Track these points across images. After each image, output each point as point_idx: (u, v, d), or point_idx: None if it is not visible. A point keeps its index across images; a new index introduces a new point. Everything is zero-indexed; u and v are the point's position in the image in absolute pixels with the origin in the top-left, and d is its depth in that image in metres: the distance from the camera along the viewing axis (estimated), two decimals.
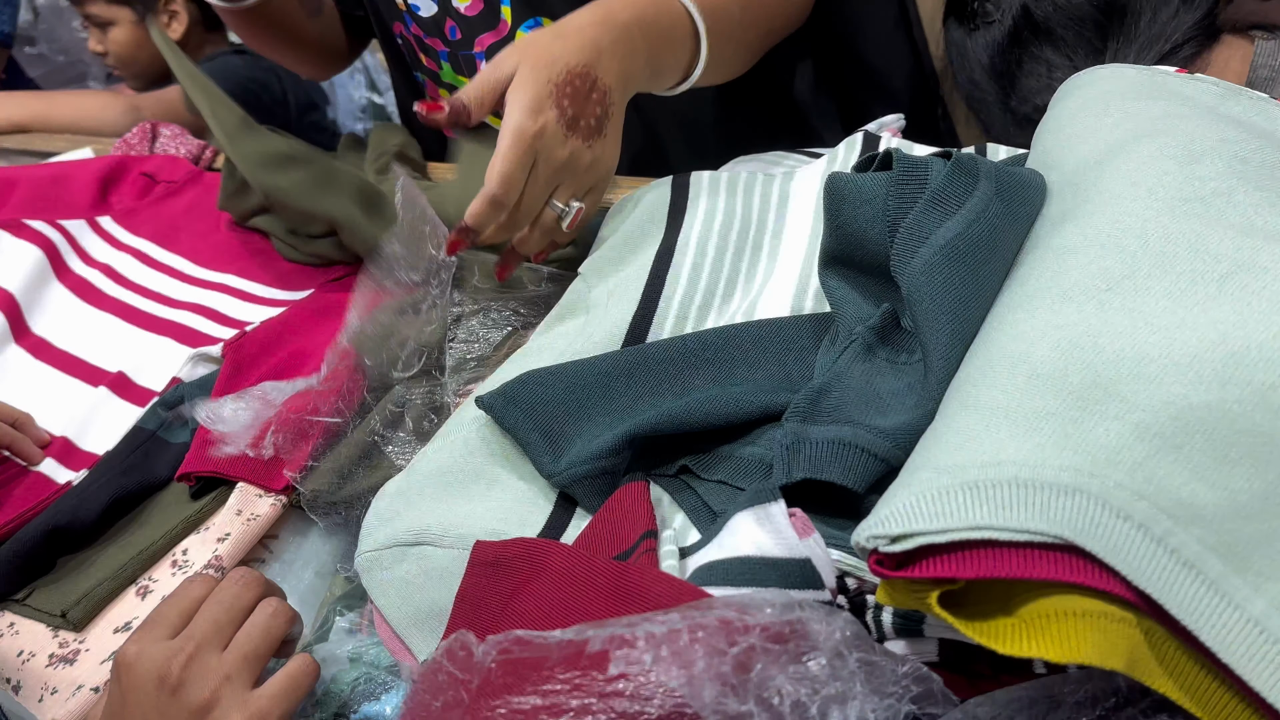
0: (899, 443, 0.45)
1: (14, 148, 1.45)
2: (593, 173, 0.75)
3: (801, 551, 0.42)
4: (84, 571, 0.66)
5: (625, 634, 0.35)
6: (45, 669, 0.61)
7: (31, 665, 0.62)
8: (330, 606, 0.63)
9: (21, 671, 0.62)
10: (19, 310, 0.94)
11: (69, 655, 0.62)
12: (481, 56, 1.03)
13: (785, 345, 0.58)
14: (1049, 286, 0.45)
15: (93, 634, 0.63)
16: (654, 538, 0.47)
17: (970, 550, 0.37)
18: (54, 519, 0.67)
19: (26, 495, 0.72)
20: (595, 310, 0.66)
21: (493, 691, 0.38)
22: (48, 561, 0.67)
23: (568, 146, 0.72)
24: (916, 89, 1.06)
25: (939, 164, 0.52)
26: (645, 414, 0.54)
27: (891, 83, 1.07)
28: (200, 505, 0.68)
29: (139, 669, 0.53)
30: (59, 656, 0.62)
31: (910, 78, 1.06)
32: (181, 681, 0.52)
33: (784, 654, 0.36)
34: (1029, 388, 0.41)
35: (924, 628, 0.43)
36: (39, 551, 0.66)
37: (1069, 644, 0.36)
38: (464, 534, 0.54)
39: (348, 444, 0.66)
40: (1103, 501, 0.37)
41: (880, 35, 1.05)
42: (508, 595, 0.49)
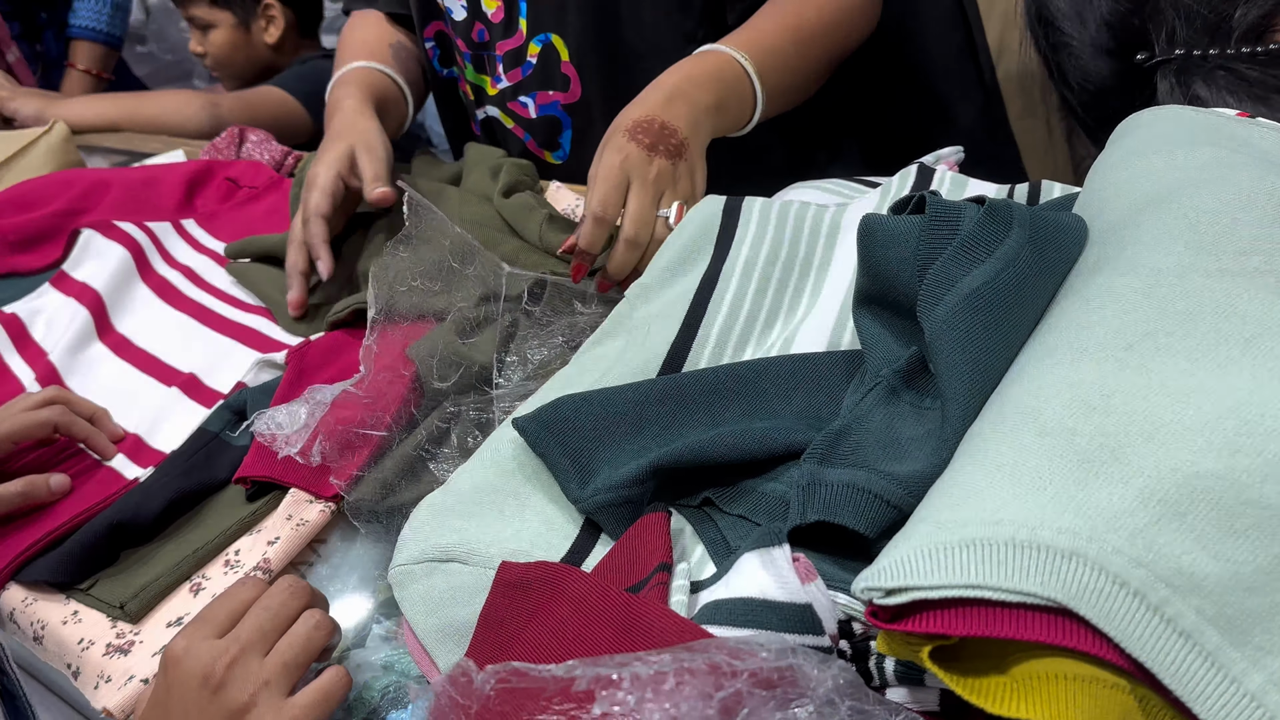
0: (912, 490, 0.46)
1: (114, 147, 1.52)
2: (687, 181, 0.83)
3: (803, 596, 0.43)
4: (143, 565, 0.70)
5: (612, 675, 0.36)
6: (102, 657, 0.65)
7: (90, 653, 0.65)
8: (370, 613, 0.66)
9: (81, 658, 0.65)
10: (104, 308, 0.99)
11: (124, 645, 0.65)
12: (500, 59, 1.13)
13: (817, 382, 0.59)
14: (1071, 341, 0.45)
15: (147, 627, 0.66)
16: (668, 571, 0.49)
17: (964, 608, 0.37)
18: (119, 514, 0.71)
19: (97, 489, 0.76)
20: (635, 335, 0.67)
21: (490, 718, 0.39)
22: (111, 554, 0.71)
23: (654, 164, 0.81)
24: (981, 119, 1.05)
25: (972, 210, 0.52)
26: (671, 445, 0.56)
27: (956, 113, 1.06)
28: (254, 508, 0.72)
29: (185, 665, 0.55)
30: (115, 646, 0.65)
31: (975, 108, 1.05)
32: (223, 682, 0.54)
33: (771, 699, 0.37)
34: (1036, 446, 0.41)
35: (925, 677, 0.43)
36: (103, 544, 0.70)
37: (1060, 707, 0.36)
38: (492, 553, 0.55)
39: (394, 457, 0.68)
40: (1099, 567, 0.37)
41: (946, 65, 1.05)
42: (528, 616, 0.51)
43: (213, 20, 1.80)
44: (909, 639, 0.39)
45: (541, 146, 1.20)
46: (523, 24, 1.09)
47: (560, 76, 1.12)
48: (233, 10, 1.79)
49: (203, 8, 1.78)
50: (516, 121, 1.19)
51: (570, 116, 1.15)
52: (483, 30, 1.13)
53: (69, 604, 0.69)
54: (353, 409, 0.70)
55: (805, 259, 0.70)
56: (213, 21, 1.80)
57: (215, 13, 1.79)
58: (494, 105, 1.20)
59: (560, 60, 1.10)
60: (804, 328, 0.66)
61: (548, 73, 1.12)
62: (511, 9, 1.09)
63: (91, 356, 0.95)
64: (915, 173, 0.77)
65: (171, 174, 1.20)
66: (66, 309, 0.99)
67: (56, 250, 1.08)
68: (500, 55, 1.13)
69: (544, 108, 1.15)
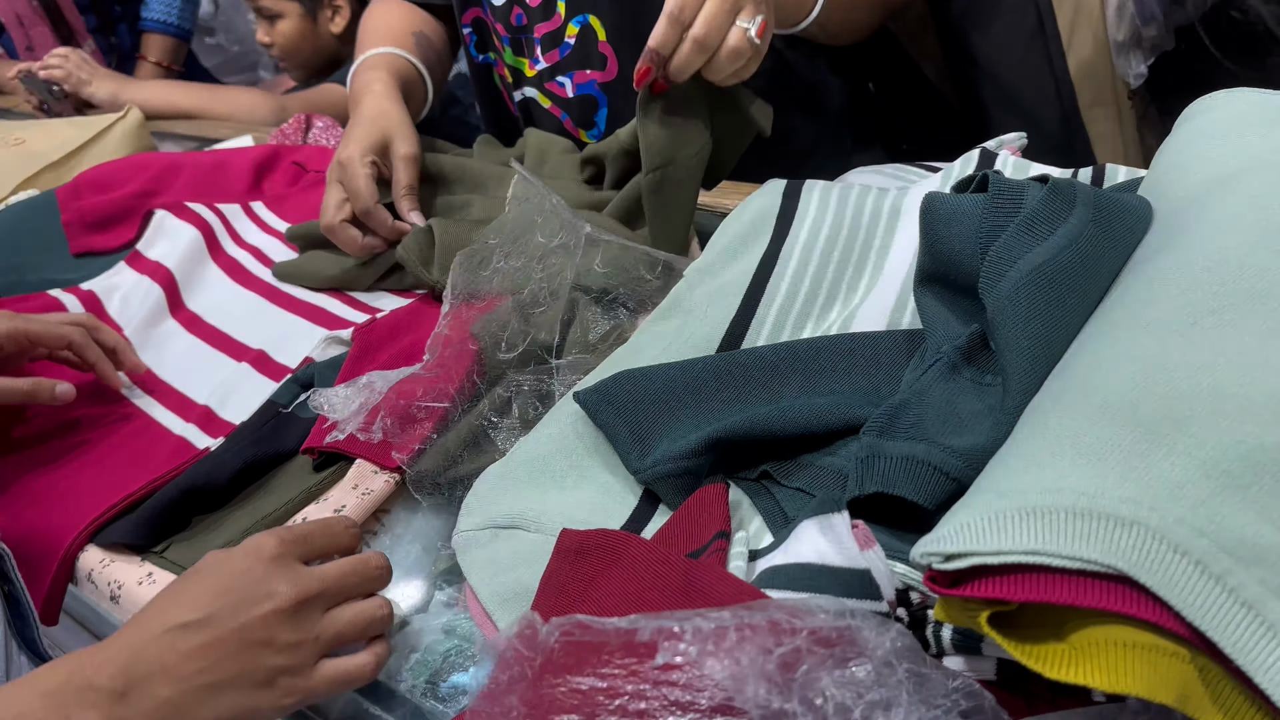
0: (971, 463, 0.46)
1: (185, 133, 1.56)
2: (766, 7, 0.77)
3: (861, 562, 0.43)
4: (214, 531, 0.72)
5: (674, 627, 0.37)
6: None
7: None
8: (433, 581, 0.67)
9: None
10: (176, 286, 1.02)
11: None
12: (539, 41, 1.15)
13: (875, 359, 0.59)
14: (1134, 317, 0.45)
15: None
16: (726, 538, 0.49)
17: (1023, 574, 0.38)
18: (192, 480, 0.73)
19: (169, 458, 0.79)
20: (695, 313, 0.68)
21: (554, 670, 0.40)
22: (184, 519, 0.73)
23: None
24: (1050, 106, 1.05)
25: (1035, 188, 0.52)
26: (731, 418, 0.56)
27: (1024, 100, 1.06)
28: (321, 477, 0.74)
29: (258, 571, 0.54)
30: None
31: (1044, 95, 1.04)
32: (283, 610, 0.53)
33: (830, 658, 0.38)
34: (1098, 417, 0.41)
35: (982, 646, 0.43)
36: (176, 509, 0.73)
37: (1118, 674, 0.37)
38: (553, 521, 0.57)
39: (457, 429, 0.70)
40: (1161, 536, 0.37)
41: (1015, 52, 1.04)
42: (588, 582, 0.52)
43: (280, 10, 1.83)
44: (967, 604, 0.39)
45: (577, 125, 1.21)
46: (561, 7, 1.12)
47: (598, 55, 1.13)
48: (300, 1, 1.83)
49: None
50: (554, 101, 1.20)
51: (606, 95, 1.17)
52: (521, 14, 1.15)
53: (144, 566, 0.72)
54: (416, 383, 0.72)
55: (865, 241, 0.71)
56: (280, 12, 1.84)
57: (282, 3, 1.83)
58: (532, 86, 1.21)
59: (598, 40, 1.12)
60: (863, 309, 0.66)
61: (585, 52, 1.14)
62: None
63: (164, 332, 0.98)
64: (977, 157, 0.77)
65: (240, 158, 1.23)
66: (140, 286, 1.02)
67: (131, 230, 1.12)
68: (539, 37, 1.15)
69: (581, 87, 1.17)
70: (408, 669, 0.61)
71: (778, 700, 0.37)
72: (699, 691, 0.39)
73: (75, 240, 1.13)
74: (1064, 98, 1.04)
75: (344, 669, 0.55)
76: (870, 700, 0.38)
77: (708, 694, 0.39)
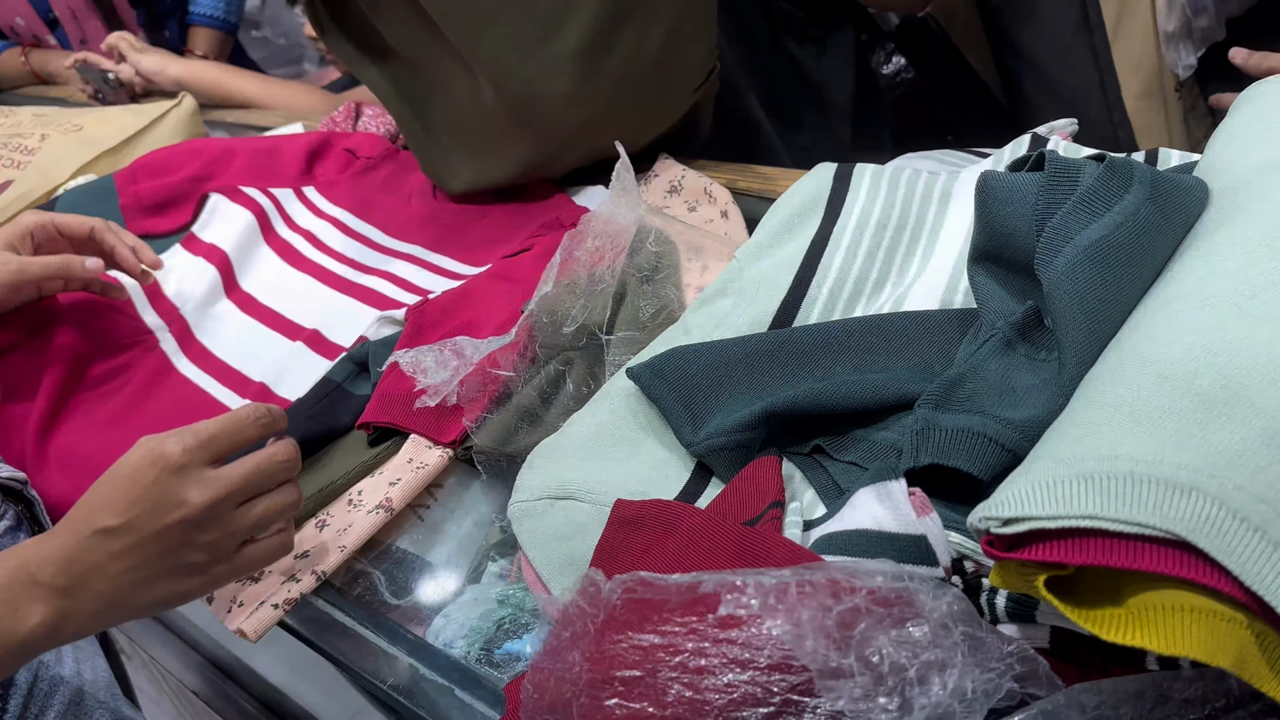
0: (1027, 435, 0.47)
1: (236, 121, 1.59)
2: None
3: (918, 528, 0.44)
4: None
5: (736, 582, 0.38)
6: (234, 585, 0.69)
7: None
8: (484, 553, 0.69)
9: None
10: (231, 268, 1.04)
11: (254, 574, 0.69)
12: None
13: (928, 337, 0.60)
14: (1191, 291, 0.46)
15: None
16: (780, 508, 0.50)
17: (1080, 538, 0.38)
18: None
19: None
20: (745, 294, 0.68)
21: (616, 627, 0.41)
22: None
23: None
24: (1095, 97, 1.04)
25: (1092, 166, 0.52)
26: (784, 392, 0.57)
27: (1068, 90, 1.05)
28: (376, 452, 0.75)
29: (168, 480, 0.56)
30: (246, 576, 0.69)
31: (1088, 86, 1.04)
32: (196, 521, 0.57)
33: (887, 617, 0.39)
34: (1156, 388, 0.41)
35: (1036, 614, 0.44)
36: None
37: (1175, 637, 0.37)
38: (607, 492, 0.58)
39: (515, 403, 0.71)
40: (1219, 502, 0.37)
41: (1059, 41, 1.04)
42: (642, 550, 0.53)
43: None
44: (1024, 569, 0.40)
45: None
46: None
47: None
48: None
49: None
50: None
51: None
52: None
53: None
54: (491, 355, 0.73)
55: (916, 223, 0.71)
56: None
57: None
58: None
59: None
60: (914, 290, 0.66)
61: None
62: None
63: (219, 312, 1.00)
64: (1028, 142, 0.77)
65: (293, 144, 1.25)
66: (195, 268, 1.05)
67: (186, 214, 1.14)
68: None
69: None
70: (462, 637, 0.62)
71: (835, 656, 0.38)
72: (758, 650, 0.40)
73: (132, 223, 1.15)
74: (1108, 89, 1.04)
75: (263, 551, 0.62)
76: (925, 660, 0.39)
77: (766, 652, 0.40)
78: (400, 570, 0.69)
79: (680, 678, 0.40)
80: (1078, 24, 1.04)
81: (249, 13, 2.92)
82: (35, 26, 2.00)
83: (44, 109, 1.45)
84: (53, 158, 1.28)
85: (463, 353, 0.71)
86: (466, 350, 0.72)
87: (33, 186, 1.24)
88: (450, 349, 0.72)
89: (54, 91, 1.93)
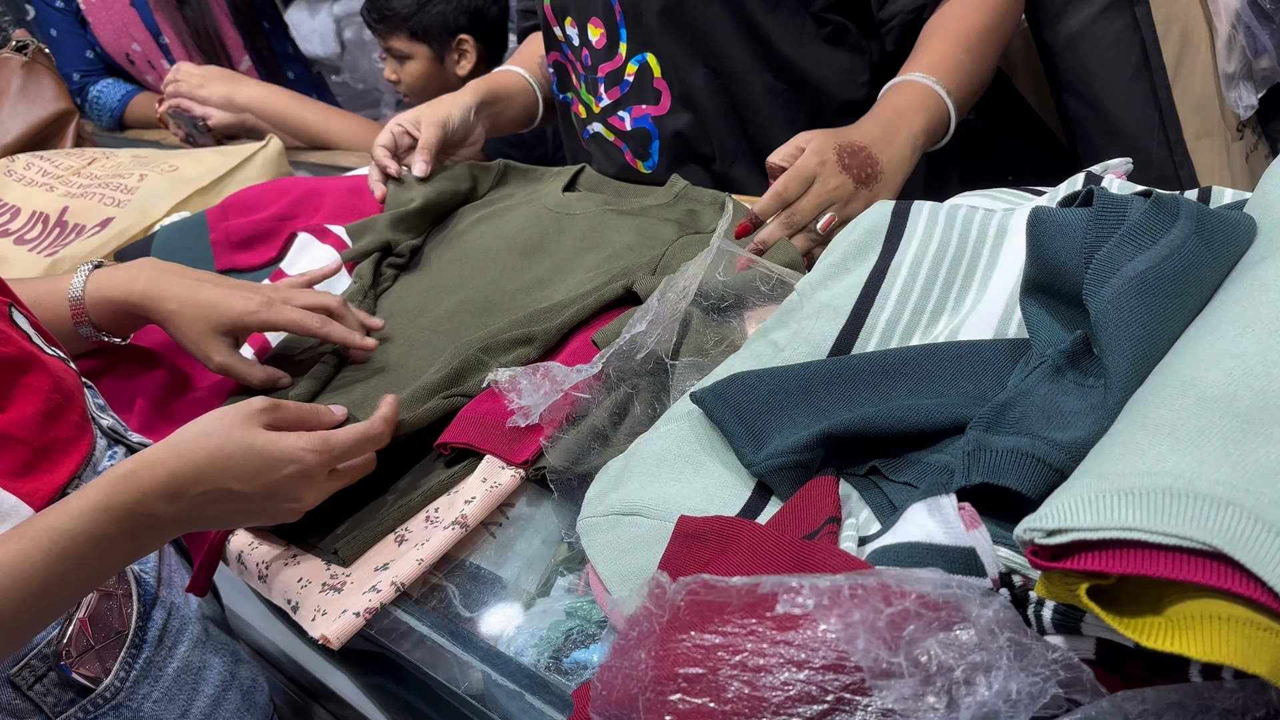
0: (1074, 455, 0.49)
1: (319, 162, 1.66)
2: (861, 206, 0.90)
3: (967, 541, 0.46)
4: (354, 518, 0.78)
5: (793, 583, 0.41)
6: (319, 594, 0.73)
7: (308, 590, 0.74)
8: (554, 569, 0.72)
9: (300, 594, 0.74)
10: None
11: (337, 585, 0.73)
12: (602, 81, 1.28)
13: (982, 365, 0.62)
14: (1233, 319, 0.48)
15: (357, 569, 0.74)
16: (836, 523, 0.53)
17: (1121, 550, 0.40)
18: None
19: None
20: (805, 323, 0.71)
21: (680, 627, 0.44)
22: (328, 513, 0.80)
23: (839, 179, 0.92)
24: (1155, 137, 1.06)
25: (1139, 202, 0.55)
26: (841, 415, 0.60)
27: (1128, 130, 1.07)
28: (453, 472, 0.79)
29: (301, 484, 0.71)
30: (329, 585, 0.73)
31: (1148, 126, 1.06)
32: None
33: (936, 620, 0.41)
34: (1196, 409, 0.43)
35: (1082, 626, 0.46)
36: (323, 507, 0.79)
37: (1213, 645, 0.39)
38: (671, 509, 0.61)
39: (587, 424, 0.75)
40: (1255, 516, 0.39)
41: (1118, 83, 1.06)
42: (704, 564, 0.56)
43: (410, 53, 1.94)
44: (1067, 578, 0.42)
45: (635, 157, 1.32)
46: (623, 48, 1.23)
47: (652, 91, 1.24)
48: (429, 44, 1.93)
49: (402, 40, 1.93)
50: (616, 135, 1.32)
51: (658, 128, 1.27)
52: (588, 55, 1.27)
53: (289, 548, 0.78)
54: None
55: (972, 258, 0.73)
56: (410, 54, 1.94)
57: (414, 46, 1.93)
58: (598, 121, 1.33)
59: (653, 76, 1.23)
60: (969, 321, 0.69)
61: (642, 88, 1.25)
62: (613, 34, 1.22)
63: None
64: (1083, 180, 0.79)
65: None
66: None
67: (272, 250, 1.20)
68: (602, 76, 1.27)
69: (637, 120, 1.28)
70: (533, 646, 0.65)
71: (885, 655, 0.40)
72: (813, 650, 0.42)
73: (221, 258, 1.22)
74: (1169, 130, 1.06)
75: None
76: (972, 662, 0.41)
77: (821, 653, 0.42)
78: (473, 584, 0.73)
79: (740, 675, 0.43)
80: (1138, 65, 1.06)
81: (329, 58, 3.04)
82: (150, 51, 2.08)
83: (142, 151, 1.53)
84: (151, 196, 1.35)
85: (554, 377, 0.75)
86: (558, 375, 0.76)
87: (132, 223, 1.31)
88: (542, 373, 0.76)
89: (149, 135, 2.03)
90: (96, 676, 0.69)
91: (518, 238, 1.08)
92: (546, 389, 0.75)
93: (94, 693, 0.69)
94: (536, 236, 1.07)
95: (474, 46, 1.93)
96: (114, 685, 0.70)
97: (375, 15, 1.93)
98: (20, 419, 0.69)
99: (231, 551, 0.81)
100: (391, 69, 1.98)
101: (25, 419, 0.69)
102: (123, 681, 0.71)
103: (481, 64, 1.95)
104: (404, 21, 1.90)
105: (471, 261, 1.08)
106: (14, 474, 0.68)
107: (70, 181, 1.40)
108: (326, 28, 2.99)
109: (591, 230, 1.06)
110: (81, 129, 1.78)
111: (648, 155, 1.31)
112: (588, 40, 1.26)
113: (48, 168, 1.45)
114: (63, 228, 1.33)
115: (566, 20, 1.28)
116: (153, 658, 0.74)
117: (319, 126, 1.76)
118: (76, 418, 0.75)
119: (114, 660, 0.71)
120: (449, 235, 1.12)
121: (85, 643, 0.69)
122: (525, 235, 1.08)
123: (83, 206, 1.34)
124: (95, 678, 0.69)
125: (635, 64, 1.23)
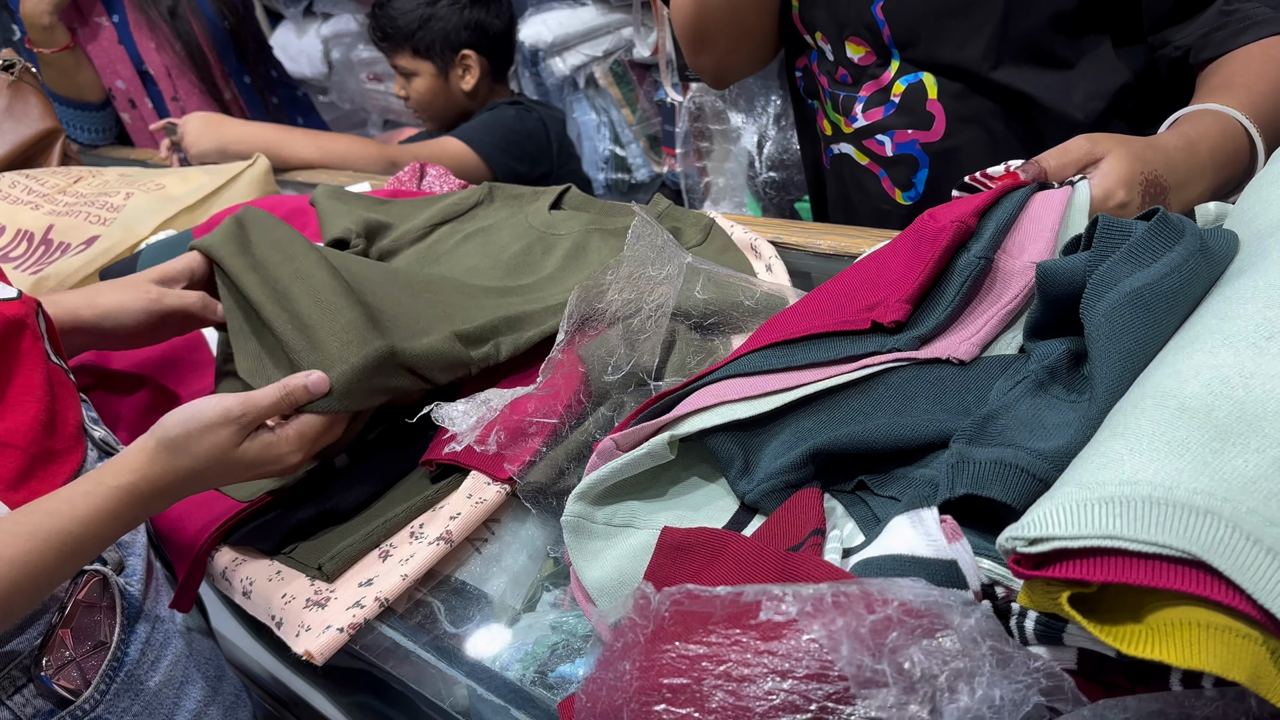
0: (1057, 464, 0.49)
1: (306, 181, 1.66)
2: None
3: (949, 553, 0.47)
4: (338, 533, 0.78)
5: (776, 592, 0.41)
6: (302, 610, 0.73)
7: (292, 606, 0.73)
8: (539, 584, 0.72)
9: (284, 610, 0.73)
10: None
11: (321, 600, 0.73)
12: (862, 99, 1.15)
13: (965, 385, 0.62)
14: (1212, 331, 0.48)
15: (341, 585, 0.74)
16: (821, 535, 0.53)
17: (1102, 557, 0.41)
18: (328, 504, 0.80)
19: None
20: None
21: (665, 637, 0.44)
22: (312, 530, 0.80)
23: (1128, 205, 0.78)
24: None
25: (1142, 224, 0.55)
26: (828, 433, 0.60)
27: None
28: (438, 488, 0.79)
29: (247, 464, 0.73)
30: (313, 601, 0.73)
31: None
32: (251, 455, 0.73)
33: (919, 628, 0.41)
34: (1175, 419, 0.44)
35: (1064, 636, 0.46)
36: (309, 525, 0.79)
37: (1192, 652, 0.39)
38: (656, 520, 0.61)
39: (565, 444, 0.75)
40: (1233, 525, 0.40)
41: None
42: (689, 575, 0.56)
43: (415, 69, 1.96)
44: (1049, 586, 0.42)
45: (895, 185, 1.18)
46: (894, 65, 1.11)
47: (924, 114, 1.12)
48: (433, 60, 1.95)
49: (406, 57, 1.95)
50: (871, 158, 1.19)
51: (928, 155, 1.14)
52: (846, 74, 1.16)
53: (273, 564, 0.78)
54: (528, 401, 0.77)
55: None
56: (415, 70, 1.96)
57: (418, 62, 1.95)
58: (848, 143, 1.20)
59: (927, 98, 1.11)
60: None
61: (911, 110, 1.12)
62: (882, 53, 1.11)
63: None
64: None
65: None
66: None
67: None
68: (864, 95, 1.15)
69: (901, 146, 1.15)
70: (518, 661, 0.65)
71: (869, 662, 0.41)
72: (797, 660, 0.42)
73: None
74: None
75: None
76: (955, 669, 0.41)
77: (805, 663, 0.42)
78: (458, 599, 0.73)
79: (724, 686, 0.43)
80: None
81: (317, 78, 3.06)
82: (133, 89, 2.08)
83: (129, 170, 1.53)
84: (136, 214, 1.35)
85: (489, 402, 0.76)
86: (493, 400, 0.76)
87: (117, 241, 1.31)
88: (479, 400, 0.76)
89: (136, 154, 2.03)
90: (77, 688, 0.69)
91: (503, 255, 1.08)
92: (478, 417, 0.75)
93: (73, 704, 0.69)
94: (522, 254, 1.08)
95: (477, 61, 1.95)
96: (93, 697, 0.70)
97: (379, 34, 1.95)
98: (18, 426, 0.69)
99: (215, 568, 0.81)
100: (399, 85, 2.01)
101: (23, 427, 0.70)
102: (102, 694, 0.70)
103: (486, 78, 1.98)
104: (407, 39, 1.92)
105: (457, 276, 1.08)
106: (8, 484, 0.68)
107: (56, 200, 1.40)
108: (314, 49, 3.00)
109: (576, 249, 1.07)
110: (68, 147, 1.78)
111: (910, 185, 1.17)
112: (845, 58, 1.14)
113: (33, 186, 1.45)
114: (48, 245, 1.32)
115: (817, 35, 1.16)
116: (134, 671, 0.73)
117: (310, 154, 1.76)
118: (73, 429, 0.75)
119: (95, 672, 0.70)
120: (435, 253, 1.13)
121: (66, 654, 0.68)
122: (511, 253, 1.08)
123: (68, 224, 1.34)
124: (75, 689, 0.69)
125: (904, 83, 1.11)
